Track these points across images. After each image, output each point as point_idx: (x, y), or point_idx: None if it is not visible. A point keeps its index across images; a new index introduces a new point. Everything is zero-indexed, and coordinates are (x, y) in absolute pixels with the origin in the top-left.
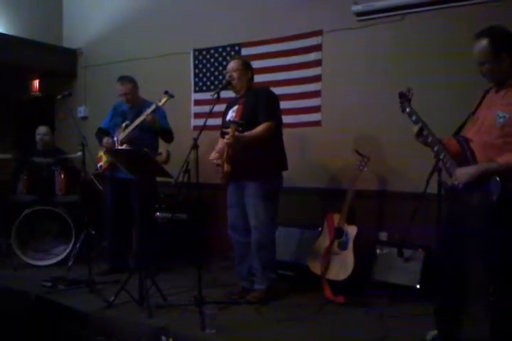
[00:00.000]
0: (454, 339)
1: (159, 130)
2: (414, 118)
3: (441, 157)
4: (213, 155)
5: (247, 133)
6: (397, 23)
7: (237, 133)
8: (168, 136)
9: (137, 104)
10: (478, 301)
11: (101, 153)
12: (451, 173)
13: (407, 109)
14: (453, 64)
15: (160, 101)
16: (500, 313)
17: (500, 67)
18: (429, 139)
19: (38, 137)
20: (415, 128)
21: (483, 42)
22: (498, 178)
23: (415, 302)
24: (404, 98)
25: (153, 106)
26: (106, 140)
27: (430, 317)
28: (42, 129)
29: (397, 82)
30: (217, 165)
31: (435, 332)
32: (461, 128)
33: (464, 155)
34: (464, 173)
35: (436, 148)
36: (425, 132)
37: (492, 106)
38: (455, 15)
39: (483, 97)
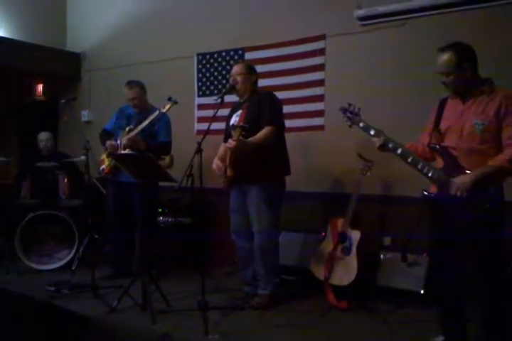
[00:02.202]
0: None
1: (144, 149)
2: (372, 132)
3: (419, 167)
4: (215, 162)
5: (250, 139)
6: (400, 28)
7: (240, 138)
8: (162, 150)
9: (144, 109)
10: (478, 307)
11: (103, 156)
12: (441, 182)
13: (361, 124)
14: None
15: (164, 107)
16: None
17: (464, 76)
18: (399, 151)
19: (41, 144)
20: (378, 142)
21: (448, 54)
22: (493, 188)
23: (419, 308)
24: (350, 113)
25: (156, 113)
26: (109, 143)
27: (434, 323)
28: (44, 135)
29: (400, 86)
30: (221, 175)
31: (441, 338)
32: (431, 138)
33: (447, 163)
34: (464, 182)
35: (410, 159)
36: (391, 145)
37: (463, 115)
38: (457, 20)
39: (440, 108)
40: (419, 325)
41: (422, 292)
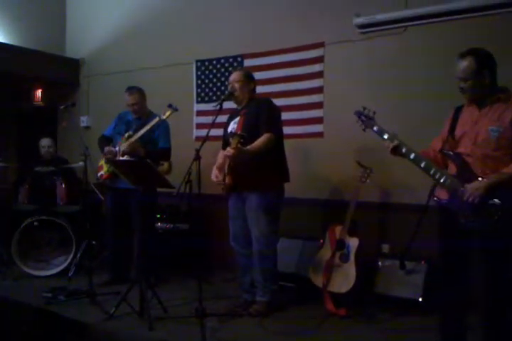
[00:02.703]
0: None
1: (144, 155)
2: (385, 136)
3: (432, 172)
4: (214, 173)
5: (248, 147)
6: (399, 36)
7: (239, 146)
8: (161, 156)
9: (143, 115)
10: (483, 318)
11: (102, 162)
12: (453, 188)
13: (375, 128)
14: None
15: (164, 114)
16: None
17: (482, 83)
18: (412, 156)
19: (43, 150)
20: (391, 145)
21: (468, 60)
22: (498, 201)
23: (418, 316)
24: (365, 116)
25: (156, 119)
26: (107, 149)
27: (432, 331)
28: (46, 141)
29: (399, 93)
30: (219, 184)
31: None
32: (444, 144)
33: (460, 170)
34: (477, 188)
35: (423, 165)
36: (404, 149)
37: (479, 122)
38: (456, 28)
39: (456, 115)
40: (417, 333)
41: (420, 300)
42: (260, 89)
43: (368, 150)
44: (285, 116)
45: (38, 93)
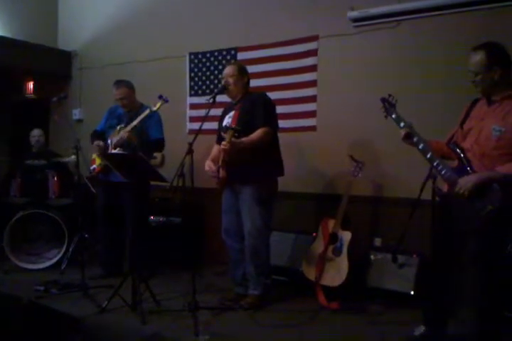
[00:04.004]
0: (441, 336)
1: (137, 146)
2: (402, 124)
3: (435, 164)
4: (208, 164)
5: (243, 139)
6: (393, 30)
7: (233, 139)
8: (155, 146)
9: (134, 109)
10: (468, 306)
11: (95, 156)
12: (451, 181)
13: (393, 115)
14: (448, 69)
15: (154, 105)
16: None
17: (491, 77)
18: (420, 146)
19: (33, 139)
20: (403, 132)
21: (480, 55)
22: (497, 186)
23: (409, 309)
24: (388, 103)
25: (146, 111)
26: (97, 143)
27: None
28: (37, 131)
29: (393, 87)
30: (214, 177)
31: (422, 328)
32: (452, 137)
33: (461, 164)
34: (468, 181)
35: (428, 156)
36: (415, 138)
37: (485, 118)
38: (449, 22)
39: (470, 108)
40: (409, 326)
41: (412, 293)
42: (253, 83)
43: (360, 145)
44: (278, 109)
45: (30, 85)
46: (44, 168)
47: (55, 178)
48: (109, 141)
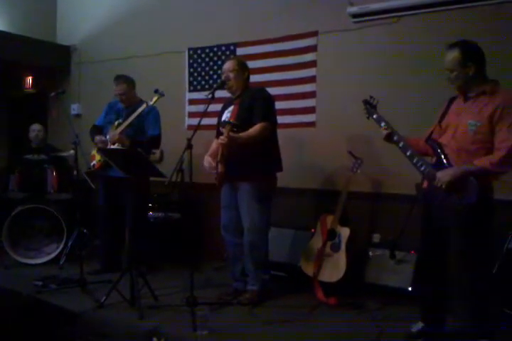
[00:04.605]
0: (438, 333)
1: (129, 145)
2: (382, 124)
3: (414, 161)
4: (206, 159)
5: (242, 134)
6: (392, 25)
7: (231, 134)
8: (150, 144)
9: (132, 104)
10: (460, 302)
11: (94, 152)
12: (429, 176)
13: (374, 115)
14: None
15: (151, 100)
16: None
17: (466, 73)
18: (401, 144)
19: (33, 134)
20: (384, 132)
21: (454, 52)
22: (474, 179)
23: (407, 305)
24: (369, 105)
25: (143, 106)
26: (98, 138)
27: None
28: (36, 126)
29: (392, 83)
30: (212, 172)
31: (421, 324)
32: (431, 134)
33: (439, 159)
34: (445, 174)
35: (408, 153)
36: (395, 138)
37: (462, 114)
38: (448, 18)
39: (448, 105)
40: (407, 321)
41: (409, 289)
42: (253, 78)
43: (359, 141)
44: (278, 105)
45: (29, 80)
46: (43, 163)
47: (54, 173)
48: (107, 137)
